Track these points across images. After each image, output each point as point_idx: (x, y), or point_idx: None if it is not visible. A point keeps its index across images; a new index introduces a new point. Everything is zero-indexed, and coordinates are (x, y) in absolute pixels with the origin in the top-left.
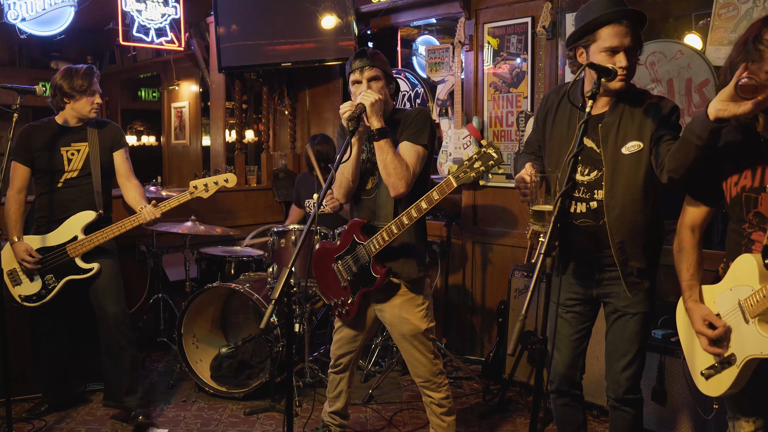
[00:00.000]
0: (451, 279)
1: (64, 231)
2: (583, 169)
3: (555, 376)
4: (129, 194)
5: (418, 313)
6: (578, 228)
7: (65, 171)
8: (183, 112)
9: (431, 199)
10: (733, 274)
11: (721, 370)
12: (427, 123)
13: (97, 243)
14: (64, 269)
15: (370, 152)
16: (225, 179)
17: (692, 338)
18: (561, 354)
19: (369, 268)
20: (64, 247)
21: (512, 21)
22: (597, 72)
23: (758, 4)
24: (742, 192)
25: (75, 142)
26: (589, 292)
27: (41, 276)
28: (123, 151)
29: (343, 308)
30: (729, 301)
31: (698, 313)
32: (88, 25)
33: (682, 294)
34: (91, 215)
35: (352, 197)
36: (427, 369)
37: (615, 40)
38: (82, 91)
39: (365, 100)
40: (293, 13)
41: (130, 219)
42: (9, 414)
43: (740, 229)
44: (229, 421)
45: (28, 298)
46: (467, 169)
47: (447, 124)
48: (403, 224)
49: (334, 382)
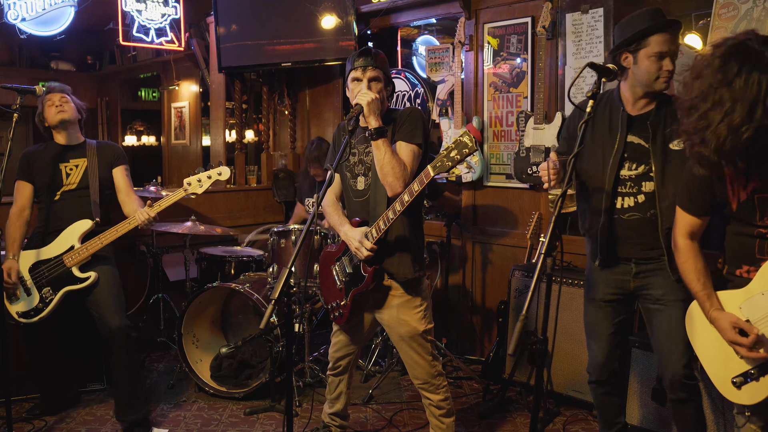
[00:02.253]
0: (451, 279)
1: (61, 241)
2: (630, 165)
3: (593, 368)
4: (128, 208)
5: (416, 314)
6: (625, 222)
7: (63, 185)
8: (183, 112)
9: (412, 191)
10: (764, 278)
11: (758, 377)
12: (420, 122)
13: (94, 250)
14: (61, 281)
15: (363, 153)
16: (218, 172)
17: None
18: (599, 346)
19: (360, 269)
20: (60, 258)
21: (512, 21)
22: (597, 72)
23: (758, 4)
24: (753, 194)
25: (74, 158)
26: (627, 285)
27: (38, 289)
28: (123, 168)
29: (338, 311)
30: (763, 306)
31: (726, 321)
32: (88, 25)
33: (700, 305)
34: (88, 224)
35: (345, 201)
36: (425, 371)
37: (664, 47)
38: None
39: (362, 100)
40: (293, 13)
41: (125, 222)
42: (9, 414)
43: (750, 231)
44: (229, 421)
45: (26, 314)
46: (443, 158)
47: (447, 124)
48: (389, 219)
49: (333, 384)
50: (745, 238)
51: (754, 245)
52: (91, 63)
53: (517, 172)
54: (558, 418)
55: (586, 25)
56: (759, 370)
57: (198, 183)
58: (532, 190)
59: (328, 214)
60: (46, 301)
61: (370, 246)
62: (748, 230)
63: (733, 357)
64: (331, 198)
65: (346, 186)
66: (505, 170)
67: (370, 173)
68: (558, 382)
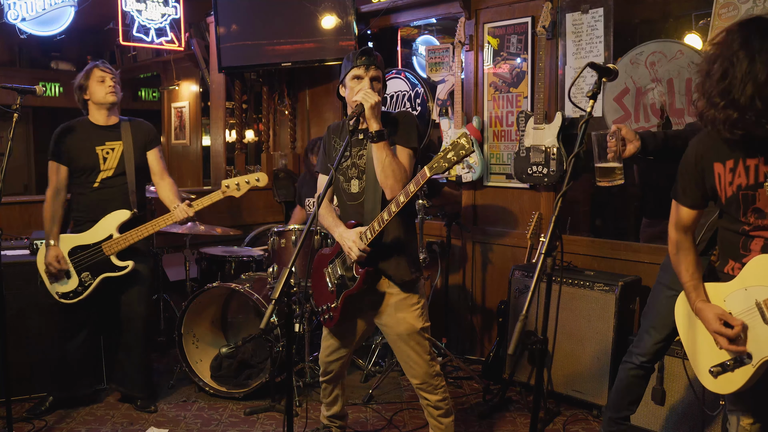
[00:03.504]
0: (451, 279)
1: (100, 229)
2: None
3: (644, 352)
4: (163, 192)
5: (414, 311)
6: None
7: (101, 170)
8: (183, 112)
9: (408, 192)
10: (748, 273)
11: (733, 368)
12: (414, 125)
13: (132, 241)
14: (99, 267)
15: (356, 156)
16: (256, 179)
17: (695, 336)
18: (657, 332)
19: (352, 270)
20: (99, 246)
21: (512, 21)
22: (597, 72)
23: (758, 4)
24: (739, 191)
25: (109, 141)
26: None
27: (77, 274)
28: (157, 150)
29: (328, 313)
30: (743, 301)
31: (711, 312)
32: (88, 25)
33: (686, 295)
34: (126, 214)
35: (338, 204)
36: (423, 370)
37: None
38: (89, 77)
39: (366, 102)
40: (293, 13)
41: (164, 218)
42: (9, 414)
43: (735, 227)
44: (229, 421)
45: (65, 294)
46: (440, 159)
47: (447, 124)
48: (383, 220)
49: (327, 389)
50: (731, 234)
51: (739, 242)
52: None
53: (517, 172)
54: (558, 418)
55: (586, 25)
56: (735, 362)
57: (236, 187)
58: (532, 190)
59: (321, 216)
60: (85, 285)
61: (363, 246)
62: (734, 226)
63: (713, 347)
64: (324, 200)
65: (338, 189)
66: (505, 170)
67: (364, 176)
68: (558, 382)
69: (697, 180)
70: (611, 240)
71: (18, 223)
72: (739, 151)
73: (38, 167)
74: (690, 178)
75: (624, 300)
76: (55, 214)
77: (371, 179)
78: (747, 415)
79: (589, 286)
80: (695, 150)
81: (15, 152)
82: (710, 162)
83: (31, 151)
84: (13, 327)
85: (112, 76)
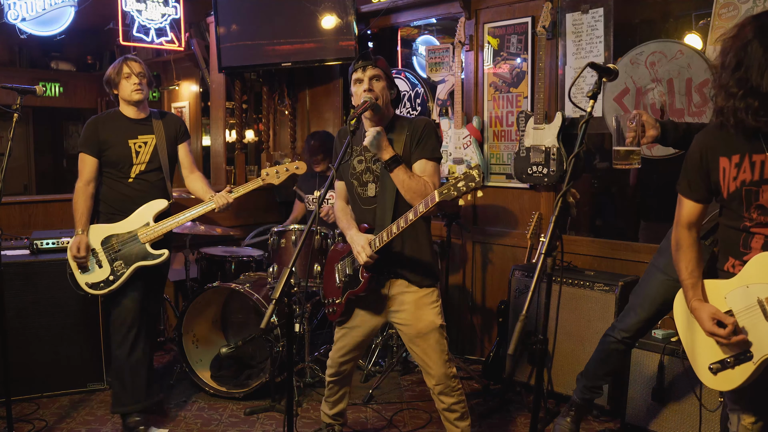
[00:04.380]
0: (451, 279)
1: (136, 218)
2: None
3: (627, 328)
4: (195, 185)
5: (433, 309)
6: None
7: (134, 164)
8: (183, 111)
9: (417, 211)
10: (749, 271)
11: (733, 365)
12: (435, 134)
13: (169, 228)
14: (133, 256)
15: (370, 161)
16: (296, 166)
17: (693, 333)
18: (643, 311)
19: (358, 272)
20: (134, 233)
21: (512, 21)
22: (598, 72)
23: (758, 4)
24: (742, 186)
25: (142, 135)
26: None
27: (110, 263)
28: (186, 144)
29: (332, 307)
30: (745, 298)
31: (705, 312)
32: (88, 25)
33: (684, 292)
34: (164, 203)
35: (352, 206)
36: (441, 371)
37: None
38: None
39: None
40: (293, 13)
41: (203, 204)
42: (9, 414)
43: (736, 224)
44: (229, 421)
45: (95, 285)
46: (450, 187)
47: (447, 124)
48: (392, 233)
49: (334, 388)
50: (732, 230)
51: (740, 239)
52: (91, 63)
53: (517, 172)
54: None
55: (586, 25)
56: (735, 359)
57: (276, 174)
58: (532, 190)
59: (337, 218)
60: (117, 274)
61: (370, 253)
62: (736, 223)
63: (713, 344)
64: (341, 204)
65: (352, 194)
66: (505, 170)
67: (379, 181)
68: (558, 382)
69: (702, 174)
70: (611, 240)
71: (18, 223)
72: (745, 147)
73: (38, 167)
74: (696, 171)
75: (624, 300)
76: (85, 206)
77: (385, 184)
78: (748, 413)
79: (590, 286)
80: (701, 143)
81: (15, 152)
82: (716, 156)
83: (31, 151)
84: (13, 327)
85: (140, 71)
